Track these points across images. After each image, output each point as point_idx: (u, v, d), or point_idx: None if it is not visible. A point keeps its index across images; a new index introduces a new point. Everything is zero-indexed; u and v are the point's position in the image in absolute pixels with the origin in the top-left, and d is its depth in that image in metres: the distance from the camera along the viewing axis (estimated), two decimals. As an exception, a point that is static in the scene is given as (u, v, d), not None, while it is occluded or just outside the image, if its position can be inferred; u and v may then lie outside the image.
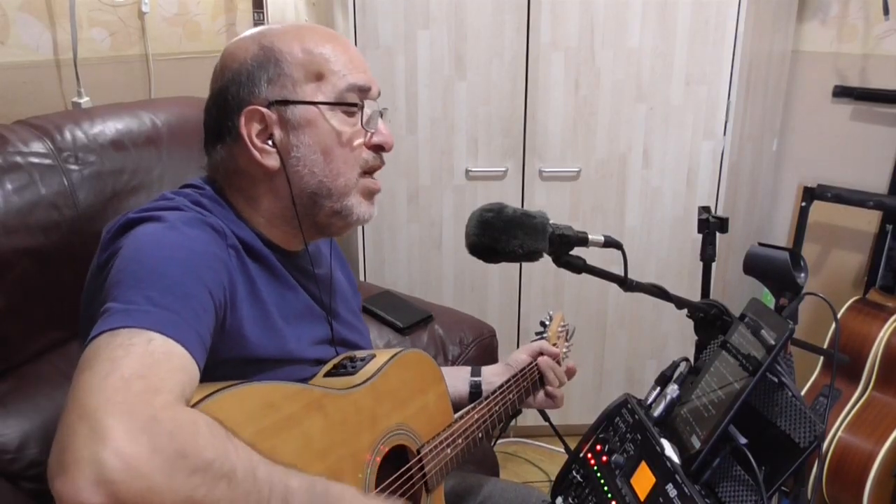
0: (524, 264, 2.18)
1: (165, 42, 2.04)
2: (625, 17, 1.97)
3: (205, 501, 0.61)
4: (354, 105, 0.91)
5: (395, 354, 0.98)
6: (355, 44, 1.94)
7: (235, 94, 0.89)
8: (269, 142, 0.89)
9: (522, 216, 0.90)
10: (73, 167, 1.30)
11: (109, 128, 1.39)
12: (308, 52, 0.90)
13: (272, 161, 0.89)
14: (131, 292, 0.71)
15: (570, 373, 1.29)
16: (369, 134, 0.93)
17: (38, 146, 1.28)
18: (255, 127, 0.89)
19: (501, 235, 0.89)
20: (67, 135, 1.32)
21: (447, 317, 1.77)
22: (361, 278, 2.14)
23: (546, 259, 0.93)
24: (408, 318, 1.71)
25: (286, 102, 0.88)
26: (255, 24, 2.24)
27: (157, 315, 0.69)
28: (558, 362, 1.26)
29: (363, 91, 0.92)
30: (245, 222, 0.92)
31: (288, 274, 0.94)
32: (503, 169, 2.09)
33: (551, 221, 0.91)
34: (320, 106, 0.89)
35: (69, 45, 1.79)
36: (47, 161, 1.27)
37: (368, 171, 0.95)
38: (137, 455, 0.57)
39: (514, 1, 1.94)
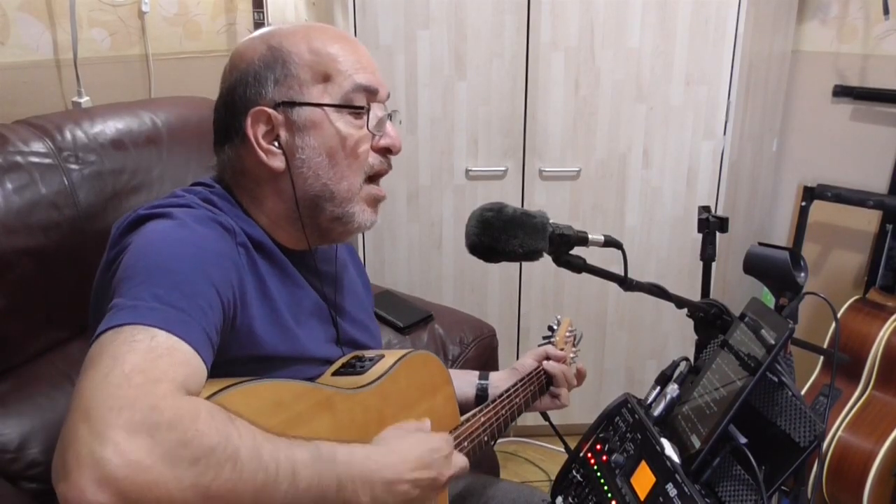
0: (524, 264, 2.18)
1: (165, 42, 2.04)
2: (625, 17, 1.97)
3: (212, 486, 0.61)
4: (361, 108, 0.90)
5: (405, 355, 0.98)
6: (355, 44, 1.94)
7: (243, 95, 0.89)
8: (275, 143, 0.89)
9: (522, 216, 0.90)
10: (74, 167, 1.30)
11: (109, 127, 1.39)
12: (315, 52, 0.89)
13: (277, 162, 0.89)
14: (138, 289, 0.71)
15: (581, 375, 1.29)
16: (377, 137, 0.92)
17: (38, 146, 1.28)
18: (262, 128, 0.88)
19: (501, 235, 0.89)
20: (67, 134, 1.32)
21: (447, 317, 1.77)
22: (361, 278, 2.14)
23: (546, 259, 0.93)
24: (408, 318, 1.71)
25: (292, 104, 0.88)
26: (256, 24, 2.24)
27: (162, 312, 0.69)
28: (566, 365, 1.26)
29: (370, 93, 0.91)
30: (254, 221, 0.92)
31: (297, 272, 0.94)
32: (503, 169, 2.09)
33: (551, 221, 0.91)
34: (326, 108, 0.89)
35: (69, 45, 1.79)
36: (47, 161, 1.27)
37: (374, 177, 0.94)
38: (138, 449, 0.57)
39: (514, 1, 1.94)
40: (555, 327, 1.32)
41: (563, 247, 0.92)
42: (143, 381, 0.62)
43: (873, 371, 1.93)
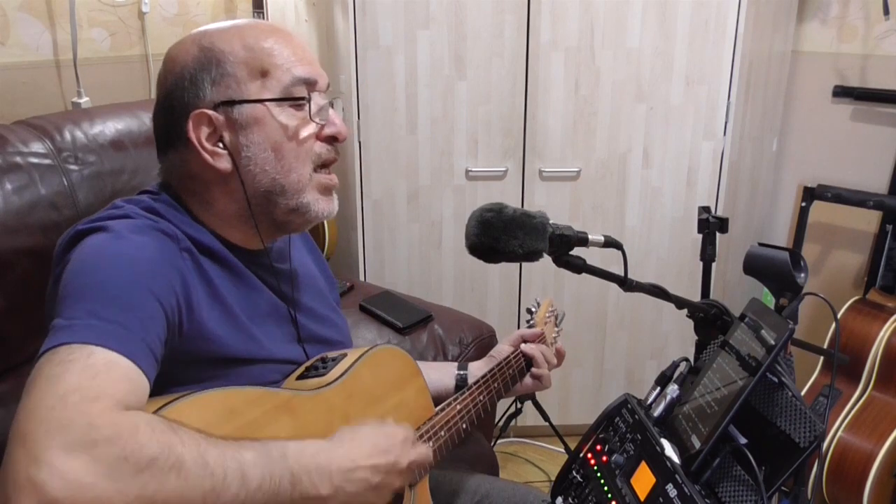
0: (524, 264, 2.18)
1: (165, 42, 2.04)
2: (625, 17, 1.97)
3: (158, 496, 0.61)
4: (301, 99, 0.90)
5: (367, 351, 0.97)
6: (355, 44, 1.94)
7: (180, 99, 0.88)
8: (220, 144, 0.88)
9: (522, 216, 0.90)
10: (73, 167, 1.30)
11: (109, 128, 1.39)
12: (249, 48, 0.88)
13: (224, 163, 0.88)
14: (74, 307, 0.71)
15: (560, 355, 1.30)
16: (320, 126, 0.92)
17: (38, 146, 1.28)
18: (204, 130, 0.87)
19: (501, 235, 0.89)
20: (67, 135, 1.32)
21: (447, 317, 1.77)
22: (361, 278, 2.14)
23: (546, 259, 0.93)
24: (408, 318, 1.71)
25: (232, 103, 0.87)
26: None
27: (98, 328, 0.68)
28: (545, 343, 1.26)
29: (310, 84, 0.90)
30: (203, 225, 0.91)
31: (251, 274, 0.93)
32: (503, 169, 2.09)
33: (551, 221, 0.91)
34: (267, 103, 0.88)
35: (69, 45, 1.79)
36: (47, 161, 1.27)
37: (323, 165, 0.93)
38: (76, 469, 0.57)
39: (514, 1, 1.94)
40: (534, 309, 1.32)
41: (563, 247, 0.92)
42: (79, 399, 0.61)
43: (873, 371, 1.93)
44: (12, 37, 1.72)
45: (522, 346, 1.24)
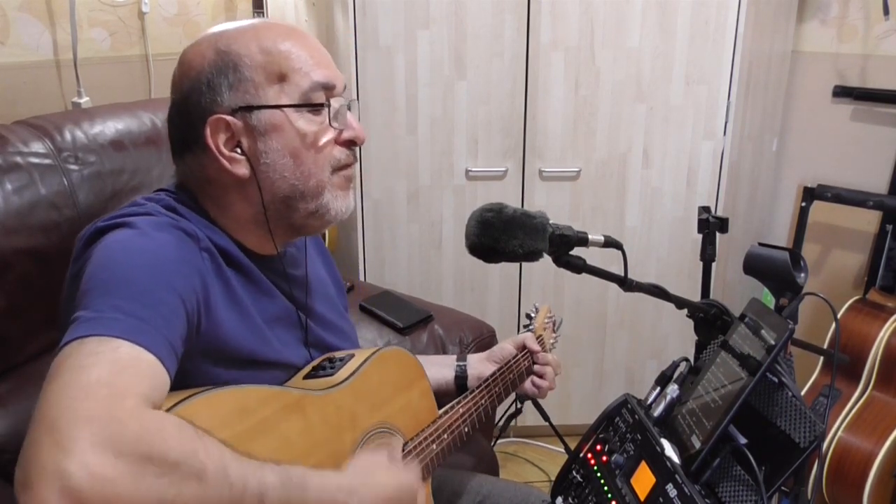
0: (524, 264, 2.18)
1: (165, 42, 2.04)
2: (625, 17, 1.97)
3: (176, 502, 0.61)
4: (321, 105, 0.89)
5: (374, 353, 0.98)
6: (355, 44, 1.94)
7: (197, 104, 0.87)
8: (238, 150, 0.87)
9: (522, 216, 0.90)
10: (73, 167, 1.30)
11: (109, 128, 1.39)
12: (267, 51, 0.87)
13: (242, 169, 0.87)
14: (100, 301, 0.70)
15: (555, 365, 1.30)
16: (339, 131, 0.91)
17: (38, 146, 1.28)
18: (222, 136, 0.86)
19: (501, 235, 0.89)
20: (67, 135, 1.32)
21: (447, 317, 1.77)
22: (361, 278, 2.14)
23: (546, 259, 0.93)
24: (408, 318, 1.71)
25: (250, 108, 0.86)
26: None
27: (125, 323, 0.68)
28: (545, 349, 1.27)
29: (328, 88, 0.89)
30: (220, 228, 0.90)
31: (265, 278, 0.93)
32: (503, 169, 2.09)
33: (551, 221, 0.91)
34: (285, 109, 0.87)
35: (69, 45, 1.79)
36: (47, 161, 1.27)
37: (340, 169, 0.93)
38: (102, 463, 0.57)
39: (514, 1, 1.94)
40: (533, 315, 1.32)
41: (563, 247, 0.92)
42: (107, 394, 0.61)
43: (873, 371, 1.93)
44: (12, 37, 1.72)
45: (538, 367, 1.24)
